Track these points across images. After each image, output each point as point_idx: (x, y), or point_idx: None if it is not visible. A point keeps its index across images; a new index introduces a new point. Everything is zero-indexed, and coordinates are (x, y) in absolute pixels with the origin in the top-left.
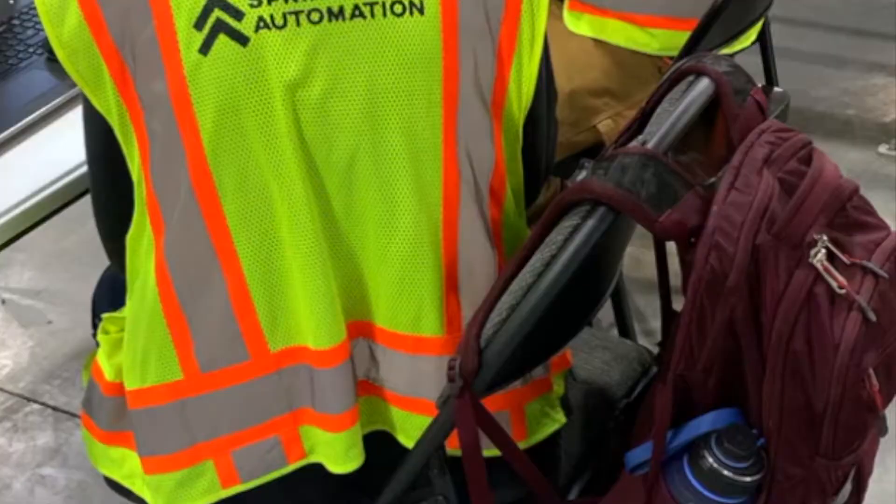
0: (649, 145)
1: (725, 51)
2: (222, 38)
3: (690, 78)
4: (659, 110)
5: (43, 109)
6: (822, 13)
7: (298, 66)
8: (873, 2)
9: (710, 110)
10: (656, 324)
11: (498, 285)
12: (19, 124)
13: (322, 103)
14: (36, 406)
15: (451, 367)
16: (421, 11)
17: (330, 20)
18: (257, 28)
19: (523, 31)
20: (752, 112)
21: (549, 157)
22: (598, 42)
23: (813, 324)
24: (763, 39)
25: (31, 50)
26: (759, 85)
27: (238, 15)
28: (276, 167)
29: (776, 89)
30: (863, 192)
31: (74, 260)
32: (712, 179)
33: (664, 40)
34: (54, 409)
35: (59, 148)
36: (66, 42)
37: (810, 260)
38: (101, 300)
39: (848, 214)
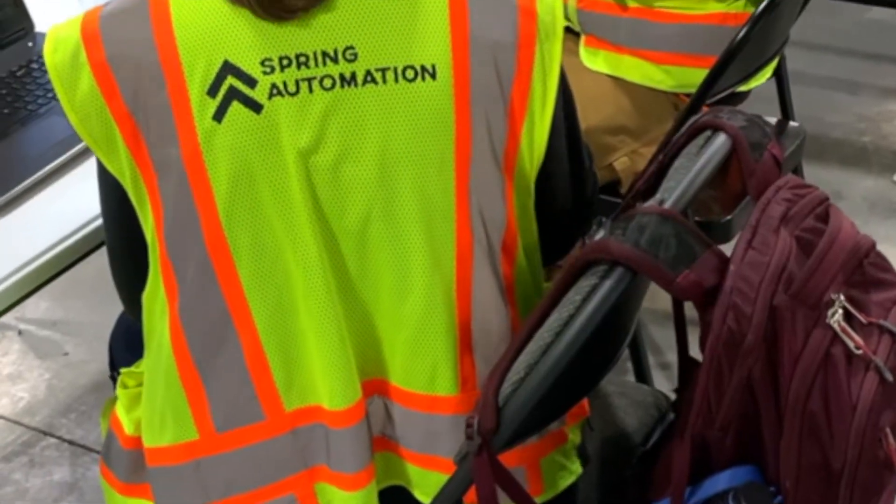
0: (667, 205)
1: (742, 88)
2: (236, 106)
3: (707, 133)
4: (676, 164)
5: (63, 157)
6: (836, 37)
7: (312, 133)
8: (888, 26)
9: None
10: (672, 356)
11: (515, 344)
12: (39, 173)
13: (335, 168)
14: (52, 440)
15: (468, 425)
16: (433, 76)
17: (342, 86)
18: (270, 95)
19: (535, 90)
20: (769, 167)
21: (581, 208)
22: (614, 79)
23: (830, 384)
24: (779, 73)
25: (49, 95)
26: (776, 119)
27: (251, 82)
28: (291, 231)
29: (792, 123)
30: (878, 221)
31: (91, 290)
32: (729, 217)
33: (680, 77)
34: (71, 443)
35: (80, 196)
36: (78, 106)
37: (827, 320)
38: (118, 342)
39: (865, 272)
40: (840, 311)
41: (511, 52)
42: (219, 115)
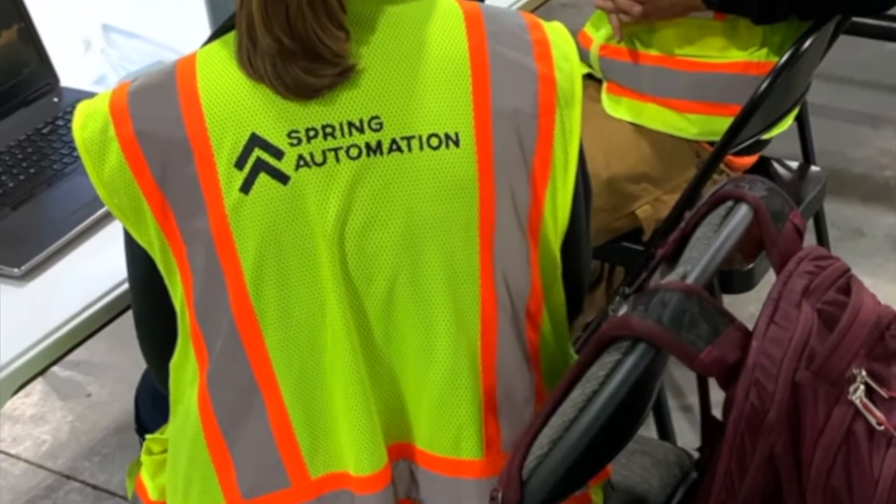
0: (689, 280)
1: (765, 136)
2: (263, 178)
3: (729, 204)
4: (698, 234)
5: (88, 220)
6: (858, 70)
7: (339, 202)
8: None
9: None
10: (693, 399)
11: (540, 417)
12: (65, 237)
13: (362, 236)
14: (76, 484)
15: (493, 498)
16: (457, 144)
17: (368, 155)
18: (297, 166)
19: (556, 156)
20: (791, 237)
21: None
22: (636, 126)
23: (852, 460)
24: (800, 117)
25: (74, 154)
26: (798, 163)
27: (278, 154)
28: (317, 299)
29: (813, 168)
30: None
31: (114, 331)
32: (751, 265)
33: (701, 125)
34: (94, 487)
35: (106, 260)
36: (106, 180)
37: (849, 396)
38: (144, 398)
39: (886, 344)
40: (862, 386)
41: (532, 120)
42: (246, 187)
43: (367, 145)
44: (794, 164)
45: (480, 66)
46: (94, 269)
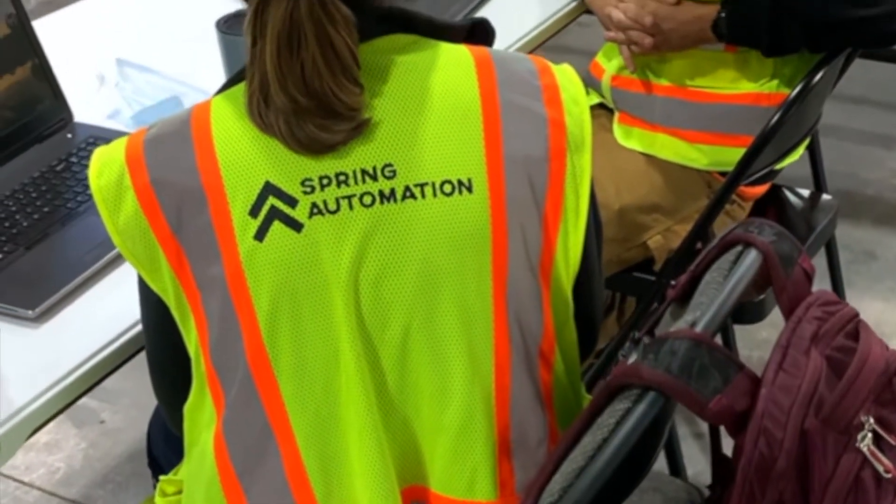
0: (698, 328)
1: (777, 167)
2: (277, 225)
3: (738, 248)
4: (708, 278)
5: (103, 260)
6: (872, 89)
7: (353, 250)
8: None
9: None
10: (704, 426)
11: (549, 465)
12: (78, 278)
13: (376, 283)
14: None
15: None
16: (469, 190)
17: (382, 203)
18: (311, 214)
19: (568, 201)
20: (800, 282)
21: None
22: (647, 157)
23: None
24: (812, 145)
25: (88, 192)
26: (809, 192)
27: (292, 202)
28: (332, 346)
29: (825, 196)
30: None
31: None
32: (762, 296)
33: (713, 156)
34: None
35: (122, 299)
36: (121, 228)
37: (857, 444)
38: (156, 434)
39: (894, 390)
40: (870, 434)
41: (543, 165)
42: (260, 235)
43: (381, 193)
44: (806, 193)
45: (492, 112)
46: (108, 309)
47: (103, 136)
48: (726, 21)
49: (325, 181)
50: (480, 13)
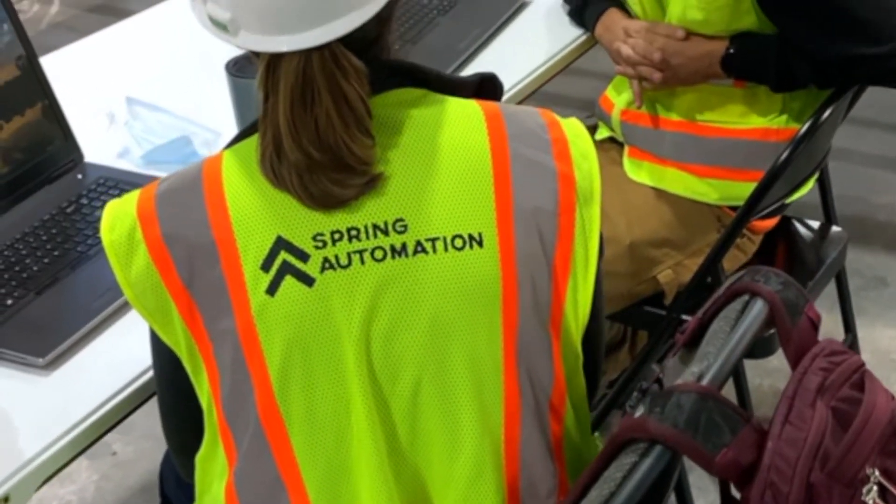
0: (705, 381)
1: (787, 201)
2: (289, 280)
3: (745, 298)
4: (715, 327)
5: (113, 305)
6: (882, 112)
7: (364, 304)
8: None
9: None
10: None
11: None
12: (90, 323)
13: (387, 337)
14: None
15: None
16: (480, 244)
17: (393, 257)
18: (323, 269)
19: (577, 253)
20: (806, 331)
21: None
22: (657, 191)
23: None
24: (821, 176)
25: (98, 236)
26: (819, 223)
27: (304, 257)
28: (343, 398)
29: (834, 228)
30: None
31: None
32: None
33: (722, 190)
34: None
35: (132, 346)
36: (133, 282)
37: (863, 497)
38: (168, 474)
39: None
40: (875, 487)
41: (553, 218)
42: (272, 289)
43: (392, 247)
44: (816, 224)
45: (502, 166)
46: (118, 356)
47: (113, 177)
48: (735, 57)
49: (336, 236)
50: (490, 48)
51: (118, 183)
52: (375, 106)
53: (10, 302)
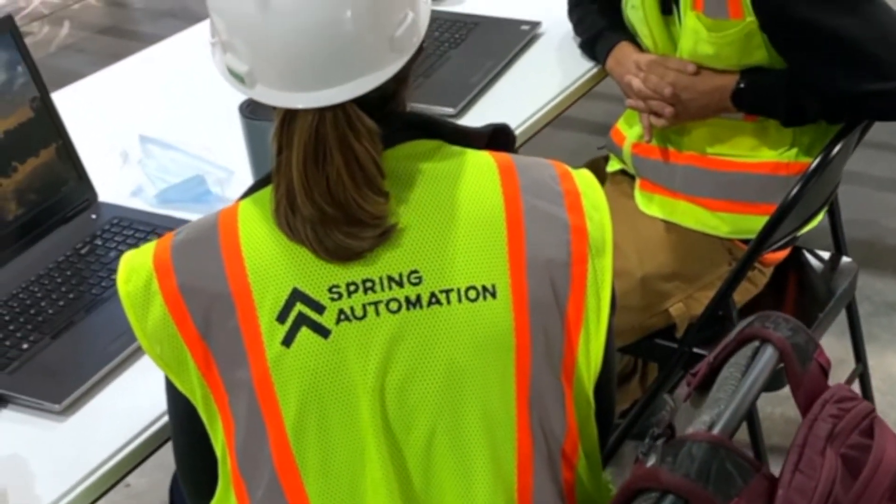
0: (716, 430)
1: (799, 232)
2: (305, 332)
3: (755, 344)
4: (725, 374)
5: (129, 349)
6: (893, 135)
7: (379, 355)
8: None
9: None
10: None
11: None
12: (106, 367)
13: (402, 388)
14: None
15: None
16: (493, 295)
17: (408, 309)
18: (338, 321)
19: (589, 304)
20: (816, 377)
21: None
22: (668, 224)
23: None
24: (831, 207)
25: (113, 277)
26: (830, 254)
27: (319, 308)
28: (357, 449)
29: (845, 259)
30: None
31: None
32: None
33: (733, 224)
34: None
35: (148, 389)
36: (149, 332)
37: None
38: (178, 496)
39: None
40: None
41: (565, 269)
42: (288, 341)
43: (407, 299)
44: (826, 255)
45: (515, 218)
46: (134, 400)
47: (127, 217)
48: (745, 92)
49: (352, 287)
50: (502, 81)
51: (132, 223)
52: (389, 159)
53: (25, 346)
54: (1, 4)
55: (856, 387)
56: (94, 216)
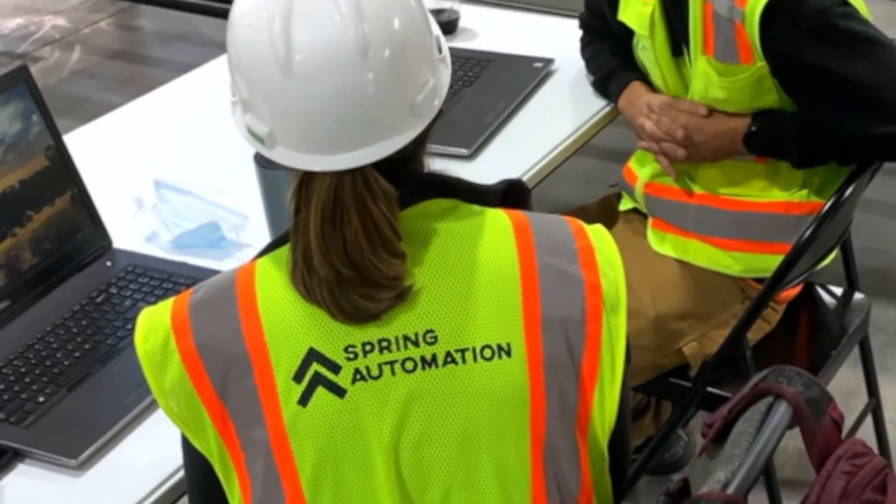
0: (730, 489)
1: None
2: (321, 391)
3: (769, 400)
4: (740, 429)
5: (145, 402)
6: None
7: (395, 415)
8: None
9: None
10: None
11: None
12: (123, 420)
13: (417, 447)
14: None
15: None
16: (509, 354)
17: (423, 368)
18: (354, 380)
19: (604, 360)
20: (830, 432)
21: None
22: (681, 263)
23: None
24: (844, 242)
25: (129, 327)
26: (842, 290)
27: (335, 368)
28: None
29: (857, 295)
30: None
31: None
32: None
33: (746, 263)
34: None
35: (164, 443)
36: (167, 390)
37: None
38: None
39: None
40: None
41: (580, 326)
42: (304, 400)
43: (423, 358)
44: (839, 290)
45: (530, 276)
46: (151, 454)
47: (142, 264)
48: (757, 135)
49: (367, 347)
50: (516, 119)
51: (147, 270)
52: (406, 219)
53: (41, 399)
54: (12, 29)
55: (868, 420)
56: (108, 263)
